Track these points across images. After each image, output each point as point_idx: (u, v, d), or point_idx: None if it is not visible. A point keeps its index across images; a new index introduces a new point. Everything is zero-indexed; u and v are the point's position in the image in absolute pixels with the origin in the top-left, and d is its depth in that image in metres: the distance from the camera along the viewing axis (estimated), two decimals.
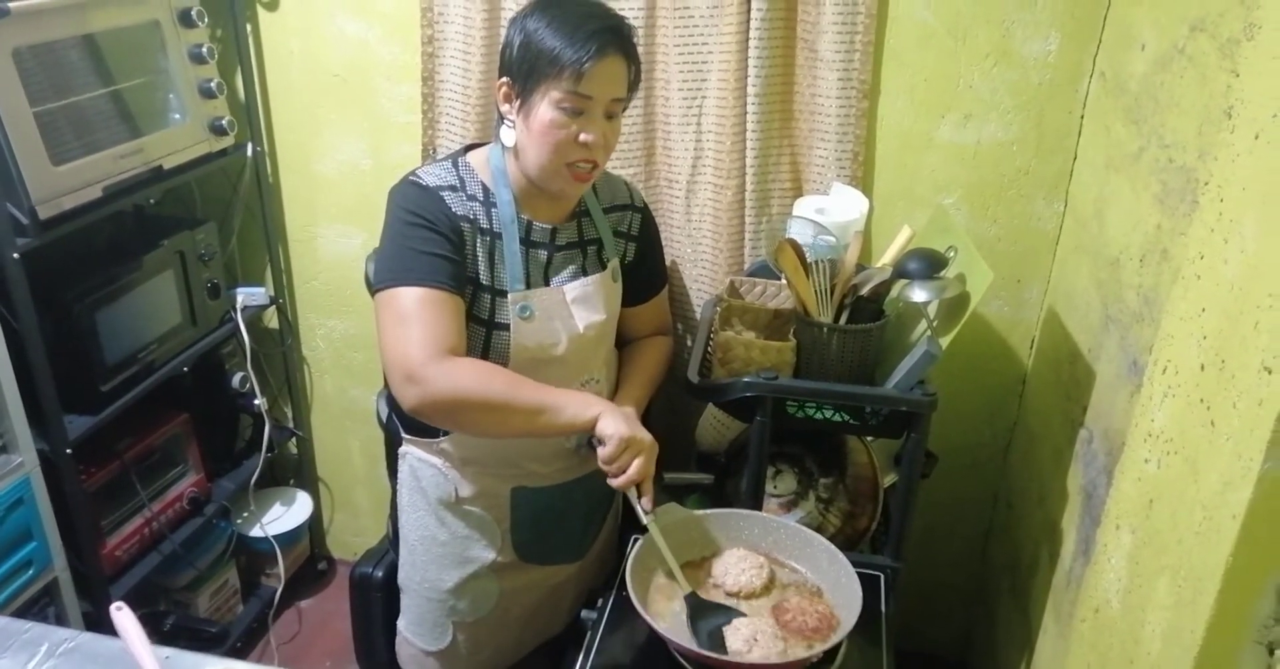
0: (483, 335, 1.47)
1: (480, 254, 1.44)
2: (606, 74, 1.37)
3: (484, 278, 1.45)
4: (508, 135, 1.44)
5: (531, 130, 1.39)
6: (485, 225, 1.45)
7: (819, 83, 1.86)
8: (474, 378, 1.36)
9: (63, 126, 1.72)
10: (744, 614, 1.33)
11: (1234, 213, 0.92)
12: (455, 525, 1.60)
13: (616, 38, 1.38)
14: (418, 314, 1.36)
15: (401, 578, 1.69)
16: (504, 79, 1.42)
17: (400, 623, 1.74)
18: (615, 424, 1.37)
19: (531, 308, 1.47)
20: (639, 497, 1.39)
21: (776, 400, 1.57)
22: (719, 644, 1.27)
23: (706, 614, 1.32)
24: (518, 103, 1.40)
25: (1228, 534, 0.86)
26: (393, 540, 1.74)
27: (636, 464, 1.37)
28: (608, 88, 1.38)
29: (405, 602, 1.71)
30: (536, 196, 1.48)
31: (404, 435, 1.59)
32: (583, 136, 1.39)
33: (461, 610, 1.66)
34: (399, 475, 1.62)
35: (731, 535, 1.45)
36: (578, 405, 1.39)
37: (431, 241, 1.39)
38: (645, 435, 1.40)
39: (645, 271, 1.69)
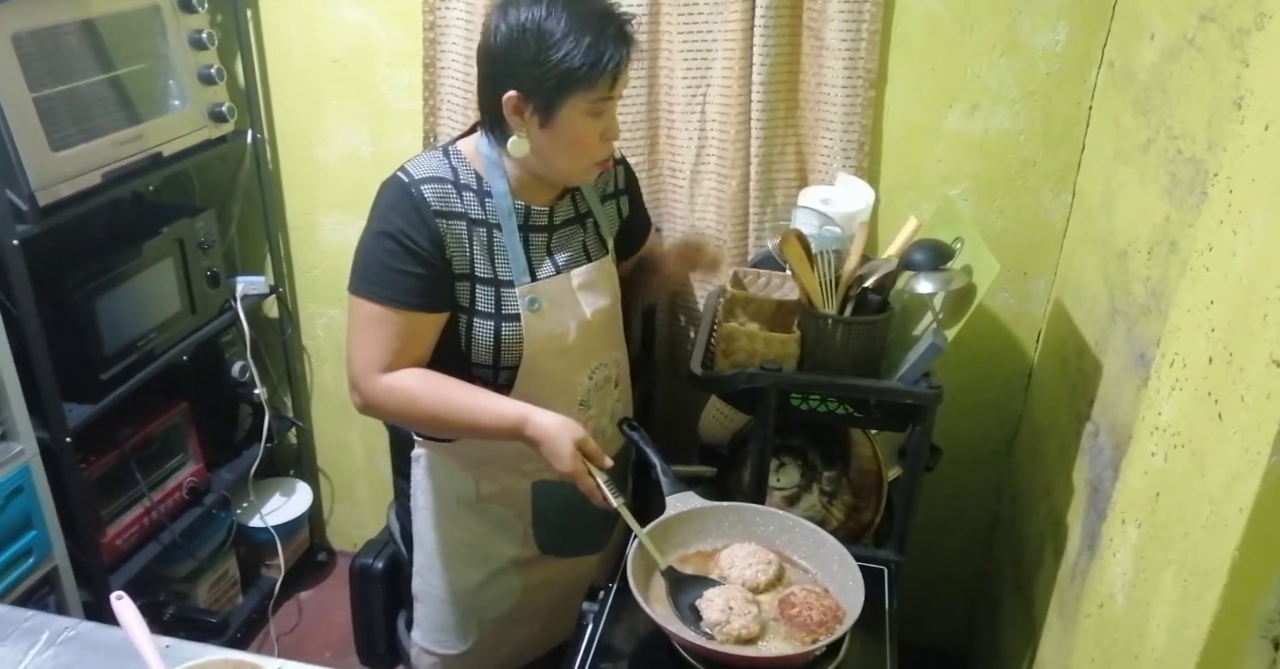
0: (492, 329, 1.45)
1: (476, 248, 1.42)
2: (627, 70, 1.37)
3: (483, 271, 1.43)
4: (519, 146, 1.39)
5: (562, 142, 1.37)
6: (479, 216, 1.43)
7: (825, 71, 1.85)
8: (399, 401, 1.41)
9: (62, 112, 1.71)
10: (717, 583, 1.33)
11: (1243, 204, 0.91)
12: (475, 524, 1.59)
13: (629, 33, 1.36)
14: (366, 329, 1.41)
15: (418, 586, 1.65)
16: (513, 93, 1.35)
17: (415, 635, 1.69)
18: (547, 451, 1.37)
19: (540, 300, 1.45)
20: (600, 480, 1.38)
21: (780, 392, 1.56)
22: (698, 618, 1.27)
23: (686, 587, 1.32)
24: (536, 118, 1.36)
25: (1234, 528, 0.85)
26: (403, 544, 1.71)
27: (585, 491, 1.37)
28: (626, 81, 1.39)
29: (422, 610, 1.67)
30: (533, 183, 1.46)
31: (416, 437, 1.57)
32: (606, 135, 1.40)
33: (485, 607, 1.64)
34: (412, 478, 1.59)
35: (746, 529, 1.44)
36: (505, 429, 1.39)
37: (400, 256, 1.37)
38: (565, 443, 1.35)
39: (638, 218, 1.69)
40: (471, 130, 1.50)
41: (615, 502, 1.35)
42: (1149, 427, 1.08)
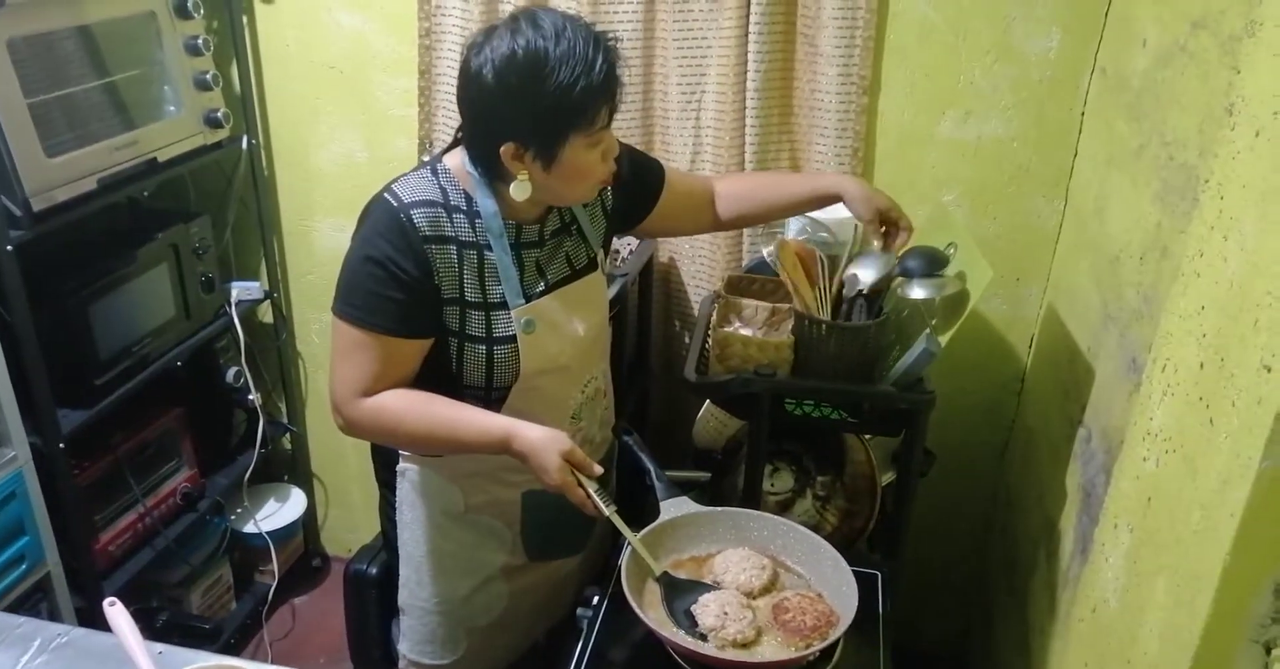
0: (484, 352, 1.43)
1: (466, 272, 1.40)
2: (621, 93, 1.34)
3: (473, 296, 1.41)
4: (521, 189, 1.35)
5: (567, 177, 1.34)
6: (470, 238, 1.40)
7: (819, 78, 1.86)
8: (381, 423, 1.40)
9: (57, 118, 1.71)
10: (713, 588, 1.33)
11: (1234, 210, 0.92)
12: (464, 535, 1.58)
13: (617, 58, 1.31)
14: (348, 353, 1.40)
15: (405, 599, 1.64)
16: (511, 144, 1.31)
17: (403, 647, 1.68)
18: (535, 465, 1.35)
19: (535, 322, 1.44)
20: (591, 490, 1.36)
21: (775, 397, 1.57)
22: (694, 623, 1.28)
23: (681, 593, 1.32)
24: (538, 163, 1.32)
25: (1225, 533, 0.85)
26: (390, 555, 1.70)
27: (576, 502, 1.35)
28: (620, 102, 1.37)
29: (409, 622, 1.65)
30: (524, 203, 1.44)
31: (401, 451, 1.56)
32: (606, 158, 1.37)
33: (474, 616, 1.63)
34: (399, 492, 1.58)
35: (740, 534, 1.44)
36: (491, 445, 1.38)
37: (385, 282, 1.35)
38: (552, 456, 1.34)
39: (639, 174, 1.59)
40: (455, 143, 1.46)
41: (607, 510, 1.34)
42: (1141, 431, 1.08)
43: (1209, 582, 0.87)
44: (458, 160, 1.43)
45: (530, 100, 1.26)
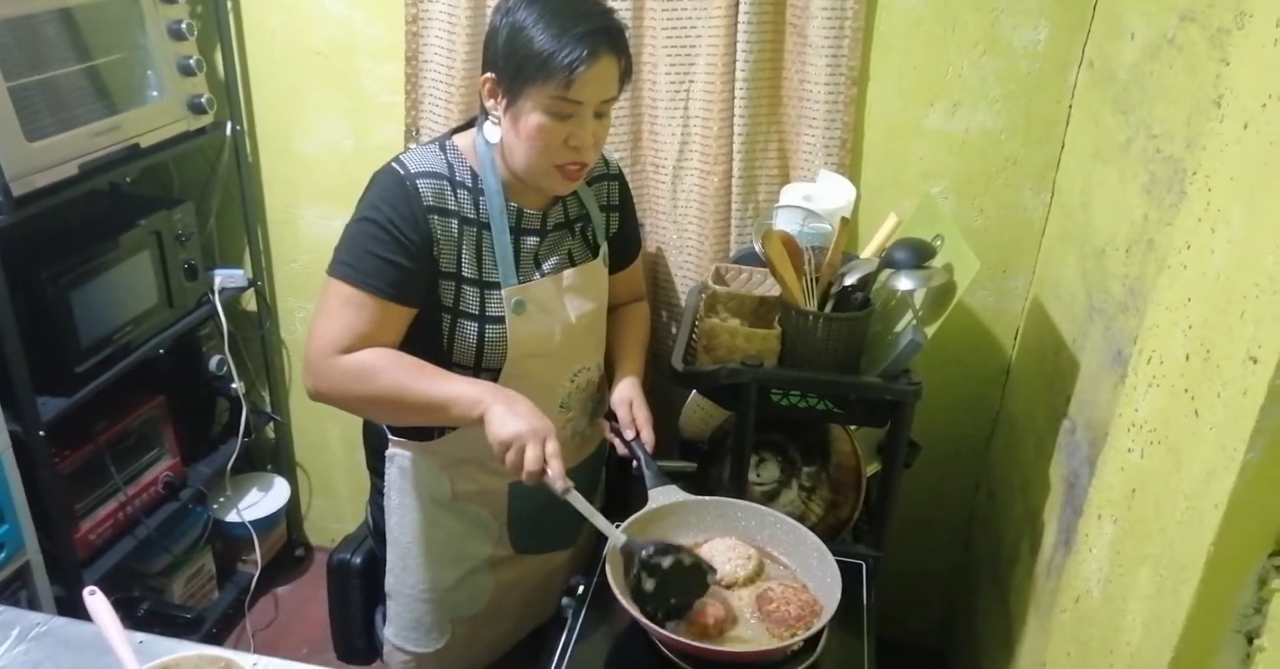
0: (475, 330, 1.43)
1: (465, 247, 1.41)
2: (598, 77, 1.32)
3: (469, 271, 1.42)
4: (492, 132, 1.39)
5: (520, 133, 1.35)
6: (472, 215, 1.41)
7: (807, 68, 1.85)
8: (358, 377, 1.36)
9: (38, 102, 1.69)
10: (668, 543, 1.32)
11: (1222, 203, 0.92)
12: (451, 524, 1.57)
13: (608, 38, 1.32)
14: (335, 311, 1.38)
15: (391, 584, 1.64)
16: (489, 75, 1.37)
17: (388, 632, 1.68)
18: (495, 428, 1.31)
19: (525, 302, 1.44)
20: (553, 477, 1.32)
21: (761, 388, 1.57)
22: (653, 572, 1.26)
23: (635, 551, 1.30)
24: (504, 102, 1.36)
25: (1210, 524, 0.85)
26: (377, 542, 1.70)
27: (529, 458, 1.29)
28: (599, 90, 1.34)
29: (395, 608, 1.65)
30: (524, 184, 1.45)
31: (391, 437, 1.55)
32: (571, 141, 1.35)
33: (460, 606, 1.63)
34: (387, 478, 1.58)
35: (727, 524, 1.44)
36: (465, 405, 1.34)
37: (385, 245, 1.36)
38: (528, 426, 1.30)
39: (624, 237, 1.65)
40: (469, 125, 1.48)
41: (558, 486, 1.30)
42: (1126, 423, 1.08)
43: (1192, 572, 0.87)
44: (468, 140, 1.45)
45: (509, 34, 1.33)
